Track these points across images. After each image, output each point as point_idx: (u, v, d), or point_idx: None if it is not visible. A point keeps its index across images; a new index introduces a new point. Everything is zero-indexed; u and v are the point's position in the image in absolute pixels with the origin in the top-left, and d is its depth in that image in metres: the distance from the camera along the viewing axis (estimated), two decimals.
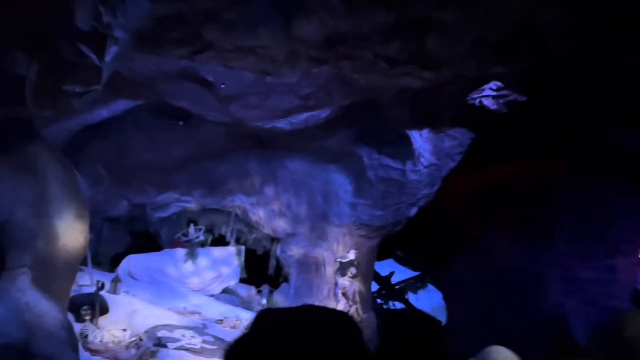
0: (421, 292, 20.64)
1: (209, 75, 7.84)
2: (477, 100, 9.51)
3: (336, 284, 10.90)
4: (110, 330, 7.07)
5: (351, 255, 10.96)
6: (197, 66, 7.62)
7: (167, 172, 11.14)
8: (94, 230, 11.69)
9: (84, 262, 9.80)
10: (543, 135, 11.17)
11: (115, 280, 8.31)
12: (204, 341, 7.12)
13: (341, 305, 10.68)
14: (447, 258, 16.30)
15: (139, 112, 9.61)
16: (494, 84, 9.16)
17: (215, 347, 7.05)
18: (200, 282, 11.51)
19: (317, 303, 11.25)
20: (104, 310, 7.35)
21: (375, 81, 6.80)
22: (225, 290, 11.71)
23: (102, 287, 7.32)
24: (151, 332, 7.03)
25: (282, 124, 9.39)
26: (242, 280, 12.27)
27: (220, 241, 12.57)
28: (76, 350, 4.21)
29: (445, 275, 16.69)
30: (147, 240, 12.30)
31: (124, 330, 7.10)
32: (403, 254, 19.65)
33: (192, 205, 12.07)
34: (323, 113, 9.22)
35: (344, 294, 10.73)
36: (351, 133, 10.53)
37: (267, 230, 12.11)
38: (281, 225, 11.81)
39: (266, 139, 10.69)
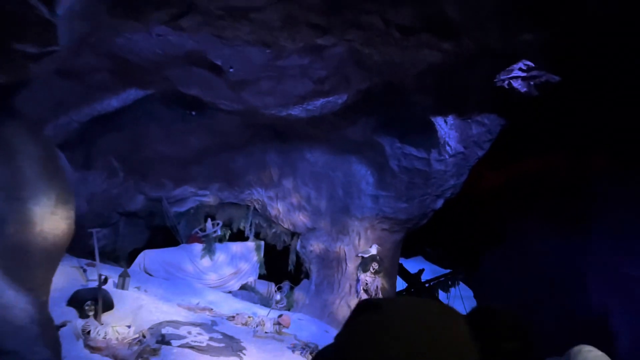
0: (452, 291, 19.89)
1: (216, 58, 7.44)
2: (506, 82, 8.82)
3: (357, 280, 10.36)
4: (115, 326, 6.74)
5: (373, 250, 10.40)
6: (204, 48, 7.24)
7: (183, 165, 10.83)
8: (111, 225, 11.51)
9: (92, 257, 9.58)
10: (581, 121, 10.34)
11: (124, 275, 7.99)
12: (211, 339, 6.71)
13: None
14: (478, 255, 15.60)
15: (151, 102, 9.30)
16: (523, 64, 8.45)
17: (222, 345, 6.63)
18: (218, 278, 11.14)
19: (337, 300, 10.77)
20: (109, 306, 7.03)
21: (390, 56, 6.23)
22: (244, 287, 11.32)
23: (104, 282, 6.99)
24: (155, 328, 6.66)
25: (298, 111, 8.91)
26: (261, 277, 11.86)
27: (239, 236, 12.20)
28: (51, 347, 3.81)
29: (477, 273, 15.98)
30: (167, 236, 12.00)
31: (129, 326, 6.76)
32: (432, 251, 18.97)
33: (209, 199, 11.75)
34: (340, 99, 8.70)
35: (365, 291, 10.18)
36: (372, 121, 9.97)
37: (286, 225, 11.66)
38: (301, 219, 11.35)
39: (284, 130, 10.25)
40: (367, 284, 10.23)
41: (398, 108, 9.46)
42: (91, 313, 6.80)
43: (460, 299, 18.52)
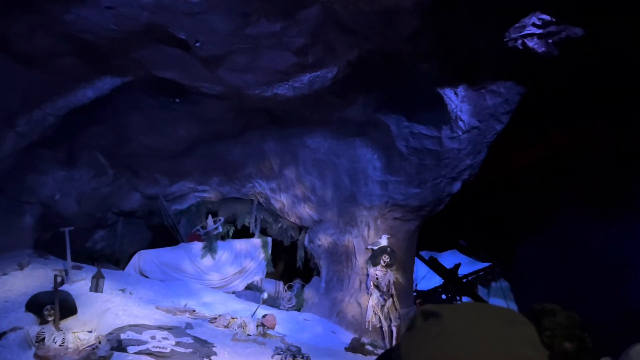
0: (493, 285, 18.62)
1: (178, 31, 6.71)
2: (519, 41, 7.65)
3: (367, 275, 9.37)
4: (76, 332, 6.09)
5: (383, 241, 9.39)
6: (161, 21, 6.54)
7: (175, 158, 10.17)
8: (108, 226, 11.00)
9: (85, 260, 9.04)
10: (617, 85, 8.96)
11: (97, 277, 7.36)
12: (177, 343, 5.94)
13: (374, 299, 9.15)
14: (514, 244, 14.35)
15: (131, 92, 8.67)
16: (537, 18, 7.28)
17: (189, 350, 5.85)
18: (220, 278, 10.41)
19: (347, 297, 9.79)
20: (70, 310, 6.38)
21: (356, 5, 5.26)
22: (249, 287, 10.54)
23: (61, 283, 6.36)
24: (115, 333, 5.96)
25: (284, 90, 8.05)
26: (269, 275, 11.06)
27: (246, 233, 11.44)
28: None
29: (514, 264, 14.70)
30: (170, 236, 11.38)
31: (90, 331, 6.09)
32: (466, 244, 17.70)
33: (210, 194, 11.06)
34: (329, 72, 7.79)
35: (376, 286, 9.18)
36: (374, 99, 8.99)
37: (292, 219, 10.81)
38: (306, 211, 10.47)
39: (280, 115, 9.40)
40: (377, 278, 9.23)
41: (400, 81, 8.46)
42: (50, 318, 6.18)
43: (500, 291, 17.19)
